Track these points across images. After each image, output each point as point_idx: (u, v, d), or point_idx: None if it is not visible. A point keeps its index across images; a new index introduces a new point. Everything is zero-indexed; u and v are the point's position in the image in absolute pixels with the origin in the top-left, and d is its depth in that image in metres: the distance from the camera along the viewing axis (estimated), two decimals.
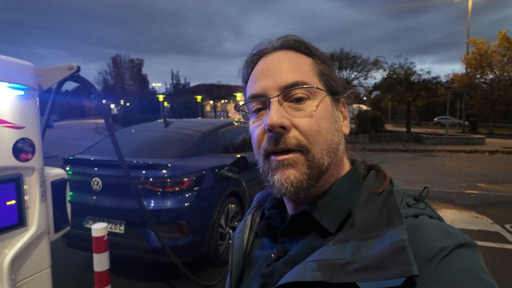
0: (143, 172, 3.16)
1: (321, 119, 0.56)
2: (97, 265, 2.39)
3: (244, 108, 0.64)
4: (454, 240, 0.45)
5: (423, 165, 11.00)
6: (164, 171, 3.14)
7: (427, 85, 19.16)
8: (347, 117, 0.65)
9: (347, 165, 0.63)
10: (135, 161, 3.24)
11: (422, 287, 0.42)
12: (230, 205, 3.70)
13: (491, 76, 23.62)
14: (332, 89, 0.60)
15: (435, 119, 40.88)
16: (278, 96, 0.56)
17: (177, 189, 3.14)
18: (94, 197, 3.26)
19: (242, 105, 0.64)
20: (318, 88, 0.57)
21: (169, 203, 3.08)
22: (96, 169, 3.36)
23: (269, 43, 0.63)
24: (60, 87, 2.17)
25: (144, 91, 50.75)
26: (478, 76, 24.14)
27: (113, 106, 53.13)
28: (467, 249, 0.45)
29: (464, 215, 5.45)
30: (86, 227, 3.23)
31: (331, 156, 0.57)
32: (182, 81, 49.91)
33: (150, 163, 3.20)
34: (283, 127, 0.54)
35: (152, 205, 3.06)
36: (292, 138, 0.54)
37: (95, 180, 3.24)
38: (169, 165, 3.19)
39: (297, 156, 0.55)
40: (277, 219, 0.65)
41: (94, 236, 2.37)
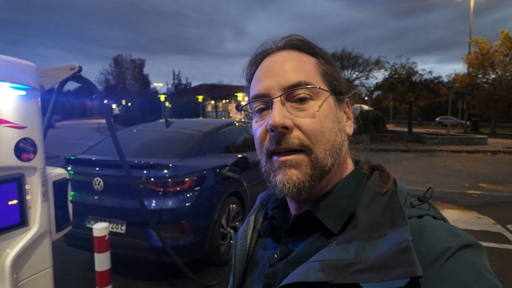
0: (145, 172, 3.16)
1: (324, 119, 0.56)
2: (99, 264, 2.39)
3: (247, 107, 0.64)
4: (459, 241, 0.45)
5: (424, 165, 10.98)
6: (166, 171, 3.15)
7: (429, 85, 19.13)
8: (351, 117, 0.65)
9: (350, 165, 0.63)
10: (136, 161, 3.25)
11: None
12: (231, 205, 3.70)
13: (493, 76, 23.60)
14: (335, 89, 0.60)
15: (437, 119, 40.85)
16: (280, 96, 0.56)
17: (178, 189, 3.14)
18: (96, 197, 3.26)
19: (245, 105, 0.64)
20: (321, 88, 0.57)
21: (170, 203, 3.08)
22: (97, 169, 3.36)
23: (273, 42, 0.63)
24: (62, 87, 2.17)
25: (145, 91, 50.90)
26: (480, 76, 24.11)
27: (114, 106, 53.24)
28: (472, 250, 0.45)
29: (466, 216, 5.43)
30: (87, 227, 3.23)
31: (334, 156, 0.56)
32: (183, 81, 50.08)
33: (152, 163, 3.20)
34: (285, 127, 0.54)
35: (154, 205, 3.06)
36: (295, 138, 0.54)
37: (97, 180, 3.25)
38: (171, 165, 3.19)
39: (300, 157, 0.54)
40: (280, 219, 0.65)
41: (96, 236, 2.37)
